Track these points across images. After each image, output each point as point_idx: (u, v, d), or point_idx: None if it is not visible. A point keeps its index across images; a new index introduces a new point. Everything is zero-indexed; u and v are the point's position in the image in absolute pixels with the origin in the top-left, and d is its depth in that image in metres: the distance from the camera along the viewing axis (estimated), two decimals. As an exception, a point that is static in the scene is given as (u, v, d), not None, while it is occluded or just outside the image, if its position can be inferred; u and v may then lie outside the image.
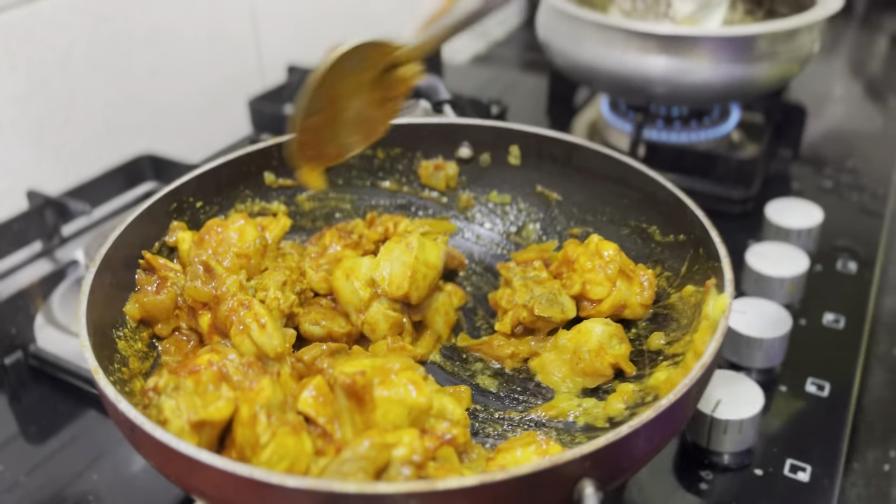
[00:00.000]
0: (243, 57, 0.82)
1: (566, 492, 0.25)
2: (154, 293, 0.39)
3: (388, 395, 0.32)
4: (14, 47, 0.60)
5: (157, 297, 0.39)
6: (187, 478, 0.27)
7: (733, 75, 0.64)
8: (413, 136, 0.48)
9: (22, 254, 0.60)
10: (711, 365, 0.30)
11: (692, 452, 0.45)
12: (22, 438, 0.48)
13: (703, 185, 0.67)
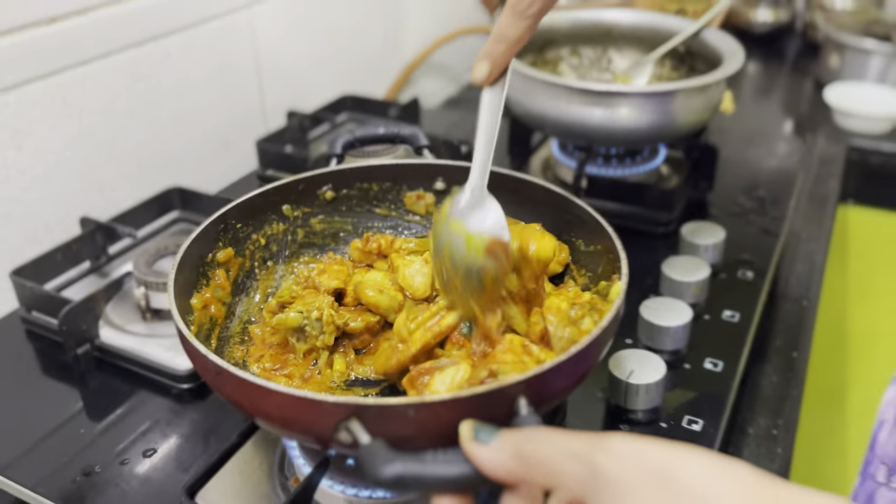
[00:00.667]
0: (249, 104, 0.96)
1: (509, 405, 0.39)
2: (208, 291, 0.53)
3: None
4: (69, 100, 0.74)
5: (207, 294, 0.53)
6: (257, 403, 0.40)
7: (656, 122, 0.79)
8: (399, 173, 0.62)
9: (77, 270, 0.73)
10: (608, 328, 0.44)
11: (614, 411, 0.59)
12: (85, 413, 0.61)
13: (634, 211, 0.82)
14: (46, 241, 0.74)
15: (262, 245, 0.59)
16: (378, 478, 0.34)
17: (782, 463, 0.64)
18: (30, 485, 0.53)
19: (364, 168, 0.62)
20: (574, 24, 0.98)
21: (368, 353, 0.55)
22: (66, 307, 0.61)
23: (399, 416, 0.37)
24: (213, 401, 0.61)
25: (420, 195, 0.62)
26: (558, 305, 0.49)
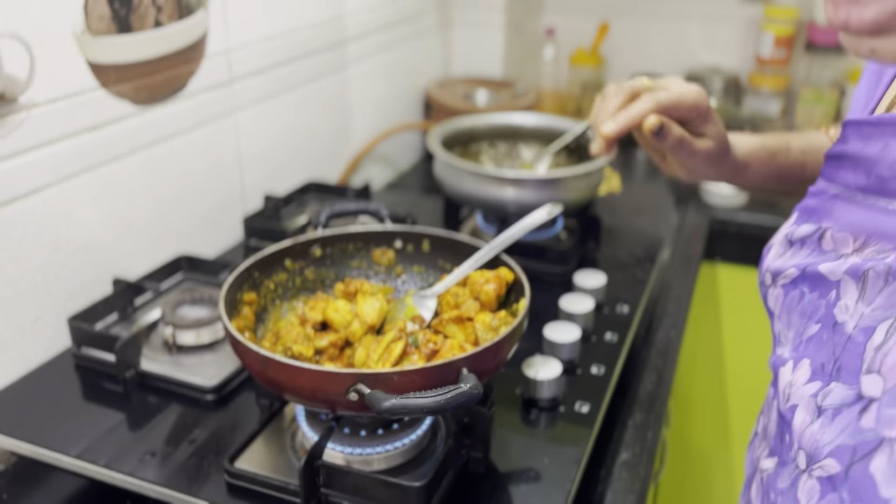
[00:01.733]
0: (233, 188, 1.19)
1: (456, 373, 0.62)
2: (240, 321, 0.75)
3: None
4: (104, 188, 0.95)
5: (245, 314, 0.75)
6: (293, 379, 0.62)
7: (555, 198, 1.06)
8: (369, 236, 0.86)
9: (111, 318, 0.93)
10: (515, 330, 0.68)
11: (528, 402, 0.82)
12: (123, 423, 0.80)
13: (540, 265, 1.07)
14: (82, 298, 0.94)
15: (272, 289, 0.81)
16: (379, 409, 0.57)
17: (650, 445, 0.89)
18: (103, 464, 0.73)
19: (343, 234, 0.85)
20: (491, 124, 1.26)
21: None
22: (119, 342, 0.82)
23: (388, 378, 0.60)
24: (230, 407, 0.82)
25: (384, 251, 0.86)
26: (484, 319, 0.73)
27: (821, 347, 0.54)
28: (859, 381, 0.49)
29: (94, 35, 0.90)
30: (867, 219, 0.53)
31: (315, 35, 1.31)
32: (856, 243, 0.54)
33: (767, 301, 0.64)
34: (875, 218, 0.53)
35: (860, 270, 0.51)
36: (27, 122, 0.83)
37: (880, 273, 0.49)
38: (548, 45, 1.97)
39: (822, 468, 0.50)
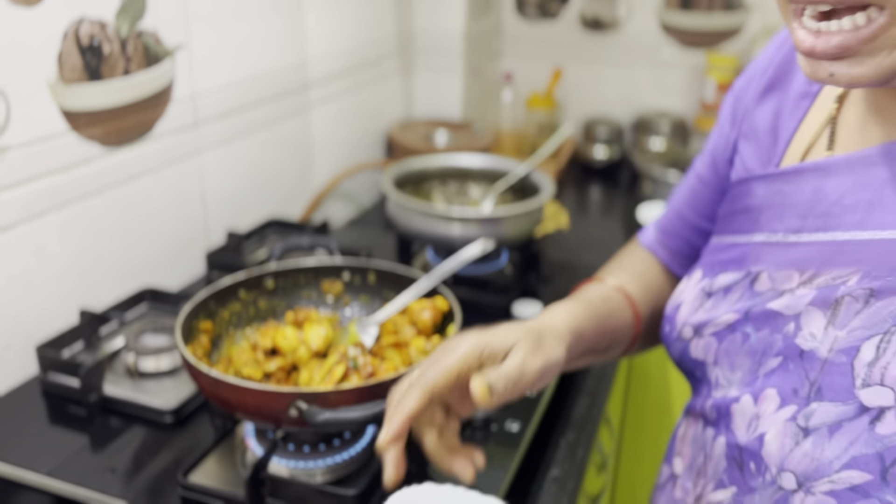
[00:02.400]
0: (196, 225, 1.26)
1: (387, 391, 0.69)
2: (196, 347, 0.81)
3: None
4: (73, 225, 1.02)
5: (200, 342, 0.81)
6: (241, 398, 0.69)
7: (497, 235, 1.14)
8: (318, 270, 0.93)
9: (77, 346, 0.99)
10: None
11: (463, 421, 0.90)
12: (87, 444, 0.86)
13: (484, 296, 1.15)
14: (50, 327, 1.00)
15: (227, 318, 0.88)
16: (315, 422, 0.64)
17: (580, 462, 0.96)
18: (69, 480, 0.78)
19: (294, 268, 0.93)
20: (442, 165, 1.35)
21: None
22: (83, 368, 0.88)
23: (324, 396, 0.67)
24: (187, 428, 0.88)
25: (332, 283, 0.94)
26: (418, 344, 0.81)
27: (787, 376, 0.57)
28: (855, 395, 0.52)
29: (67, 83, 0.97)
30: (811, 254, 0.58)
31: (278, 80, 1.39)
32: (802, 277, 0.58)
33: (689, 353, 0.70)
34: (821, 252, 0.58)
35: (829, 298, 0.55)
36: (2, 165, 0.90)
37: (858, 297, 0.53)
38: (506, 89, 2.07)
39: (836, 482, 0.52)
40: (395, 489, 0.57)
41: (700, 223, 0.79)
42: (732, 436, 0.62)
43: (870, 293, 0.53)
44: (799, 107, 0.66)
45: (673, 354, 0.73)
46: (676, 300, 0.73)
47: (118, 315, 1.02)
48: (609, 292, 0.79)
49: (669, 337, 0.73)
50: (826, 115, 0.63)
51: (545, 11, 2.13)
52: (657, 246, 0.86)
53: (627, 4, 2.05)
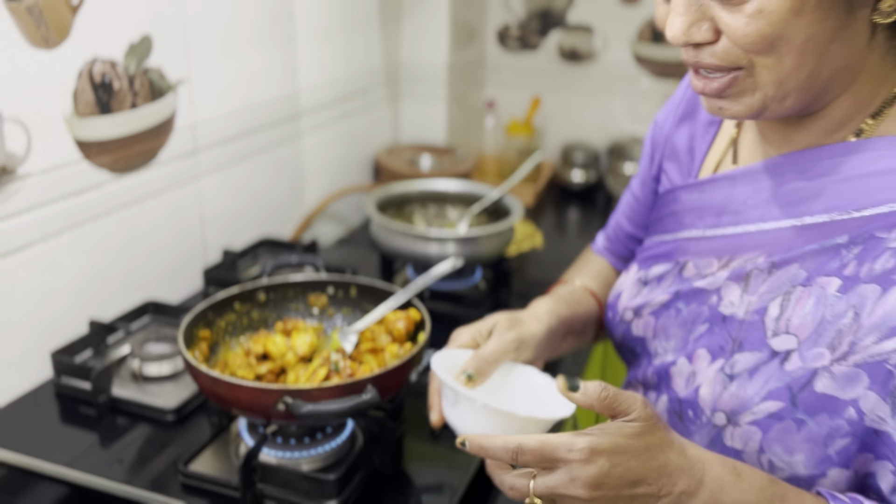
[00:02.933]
0: (195, 243, 1.37)
1: (362, 390, 0.80)
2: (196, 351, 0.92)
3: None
4: (84, 243, 1.13)
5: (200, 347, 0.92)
6: (234, 394, 0.79)
7: (471, 254, 1.25)
8: (305, 284, 1.04)
9: (87, 353, 1.09)
10: (413, 357, 0.86)
11: (434, 420, 1.00)
12: (97, 440, 0.96)
13: (459, 309, 1.26)
14: (62, 336, 1.11)
15: (223, 327, 0.99)
16: (299, 413, 0.75)
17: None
18: (91, 469, 0.88)
19: (284, 282, 1.04)
20: (422, 190, 1.46)
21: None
22: (94, 371, 0.98)
23: (308, 392, 0.78)
24: (186, 426, 0.98)
25: (318, 296, 1.04)
26: (392, 349, 0.91)
27: (714, 338, 0.72)
28: (767, 344, 0.67)
29: (81, 117, 1.09)
30: (725, 244, 0.74)
31: (272, 110, 1.51)
32: (721, 262, 0.74)
33: (631, 332, 0.85)
34: (732, 241, 0.73)
35: (741, 273, 0.71)
36: (23, 190, 1.01)
37: (762, 269, 0.69)
38: (488, 116, 2.19)
39: (756, 413, 0.66)
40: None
41: (636, 232, 0.97)
42: (673, 392, 0.77)
43: (772, 265, 0.69)
44: (708, 132, 0.83)
45: (616, 337, 0.88)
46: (616, 291, 0.89)
47: (124, 325, 1.13)
48: (575, 289, 0.98)
49: (613, 321, 0.88)
50: (729, 138, 0.80)
51: (525, 43, 2.26)
52: (605, 252, 1.05)
53: (603, 37, 2.18)
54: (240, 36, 1.39)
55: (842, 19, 0.60)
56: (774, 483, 0.64)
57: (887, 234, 0.62)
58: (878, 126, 0.66)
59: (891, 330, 0.60)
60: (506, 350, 0.80)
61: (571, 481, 0.59)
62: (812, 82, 0.63)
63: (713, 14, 0.61)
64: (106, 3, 1.09)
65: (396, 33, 2.03)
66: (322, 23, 1.65)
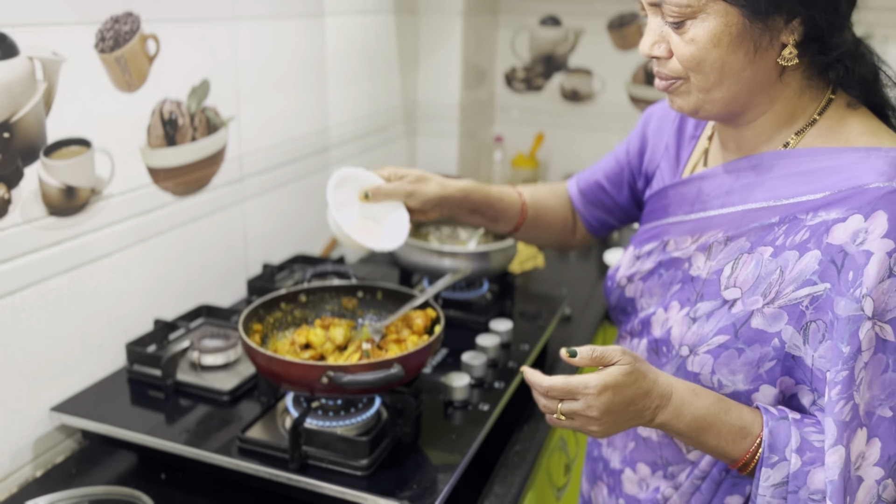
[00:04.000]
0: (238, 258, 1.57)
1: (390, 366, 0.98)
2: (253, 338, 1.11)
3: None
4: (148, 255, 1.33)
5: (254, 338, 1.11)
6: (286, 371, 0.98)
7: (478, 267, 1.45)
8: (339, 289, 1.24)
9: (152, 347, 1.29)
10: (431, 343, 1.05)
11: (447, 404, 1.18)
12: (164, 416, 1.15)
13: (468, 315, 1.45)
14: (131, 332, 1.30)
15: (271, 322, 1.18)
16: (340, 382, 0.94)
17: (538, 441, 1.24)
18: (163, 437, 1.07)
19: (321, 286, 1.23)
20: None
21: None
22: (163, 359, 1.18)
23: (347, 368, 0.97)
24: (239, 406, 1.17)
25: (349, 299, 1.24)
26: (413, 339, 1.11)
27: (683, 292, 0.95)
28: (721, 295, 0.90)
29: (153, 148, 1.30)
30: (696, 225, 0.98)
31: (305, 143, 1.72)
32: (693, 238, 0.98)
33: (624, 294, 1.09)
34: (701, 223, 0.97)
35: (706, 245, 0.94)
36: (106, 208, 1.22)
37: (720, 242, 0.92)
38: (496, 150, 2.40)
39: (711, 344, 0.89)
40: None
41: (607, 187, 1.26)
42: (650, 335, 1.01)
43: (727, 239, 0.92)
44: (690, 144, 1.09)
45: (612, 300, 1.13)
46: (616, 265, 1.14)
47: (183, 324, 1.32)
48: (509, 189, 1.27)
49: (611, 288, 1.13)
50: (702, 149, 1.05)
51: (531, 85, 2.48)
52: (574, 189, 1.32)
53: (601, 80, 2.39)
54: (280, 80, 1.61)
55: (750, 55, 0.84)
56: (722, 400, 0.88)
57: (804, 216, 0.85)
58: (799, 140, 0.90)
59: (804, 282, 0.83)
60: (399, 194, 1.13)
61: (588, 407, 0.84)
62: (733, 96, 0.87)
63: (668, 38, 0.86)
64: (174, 53, 1.31)
65: (414, 76, 2.25)
66: (349, 68, 1.87)
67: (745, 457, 0.85)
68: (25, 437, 1.12)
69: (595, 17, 2.35)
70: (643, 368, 0.86)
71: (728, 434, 0.86)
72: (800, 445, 0.82)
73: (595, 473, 1.20)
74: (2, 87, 1.00)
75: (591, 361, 0.86)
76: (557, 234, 1.31)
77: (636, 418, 0.86)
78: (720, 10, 0.82)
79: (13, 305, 1.07)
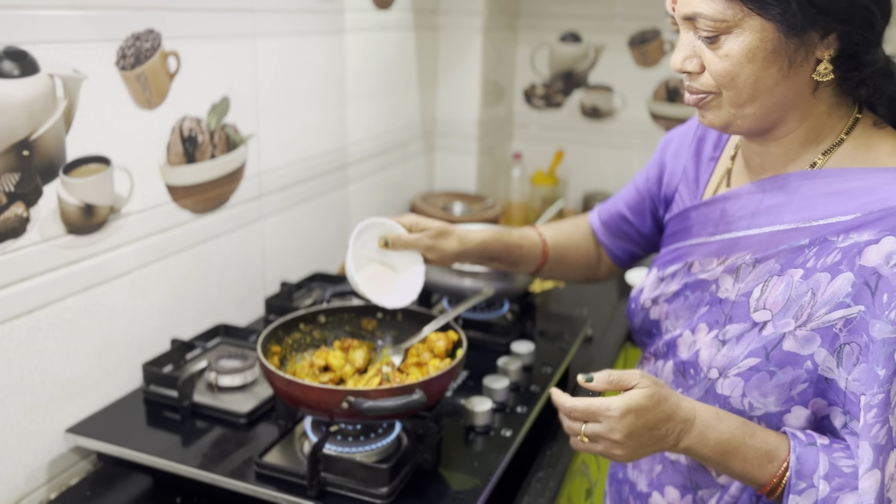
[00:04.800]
0: (257, 276, 1.55)
1: (412, 392, 0.96)
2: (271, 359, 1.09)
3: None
4: (166, 276, 1.31)
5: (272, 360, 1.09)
6: (305, 395, 0.96)
7: (502, 288, 1.42)
8: (359, 310, 1.22)
9: (168, 367, 1.27)
10: (453, 368, 1.02)
11: (468, 429, 1.16)
12: (180, 438, 1.13)
13: (488, 336, 1.42)
14: (148, 352, 1.29)
15: (290, 344, 1.16)
16: (361, 408, 0.91)
17: (561, 468, 1.21)
18: (179, 461, 1.05)
19: (341, 307, 1.21)
20: (457, 231, 1.63)
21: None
22: (180, 380, 1.16)
23: (367, 393, 0.95)
24: (256, 428, 1.15)
25: (369, 320, 1.22)
26: (434, 363, 1.08)
27: (711, 314, 0.93)
28: (750, 317, 0.88)
29: (172, 166, 1.29)
30: (722, 247, 0.96)
31: (324, 161, 1.71)
32: (719, 260, 0.96)
33: (649, 317, 1.07)
34: (727, 244, 0.95)
35: (734, 267, 0.92)
36: (125, 226, 1.20)
37: (748, 264, 0.90)
38: (515, 167, 2.38)
39: (742, 367, 0.87)
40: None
41: (629, 216, 1.22)
42: (677, 357, 0.99)
43: (755, 261, 0.90)
44: (709, 165, 1.06)
45: (635, 322, 1.11)
46: (639, 287, 1.12)
47: (201, 344, 1.31)
48: (530, 233, 1.25)
49: (634, 310, 1.11)
50: (724, 169, 1.03)
51: (550, 102, 2.46)
52: (597, 220, 1.29)
53: (622, 96, 2.37)
54: (299, 97, 1.60)
55: (784, 71, 0.82)
56: (746, 424, 0.86)
57: (835, 238, 0.84)
58: (826, 160, 0.88)
59: (837, 304, 0.82)
60: (418, 246, 1.13)
61: (611, 430, 0.83)
62: (766, 112, 0.85)
63: (701, 53, 0.85)
64: (194, 70, 1.30)
65: (433, 93, 2.24)
66: (368, 85, 1.86)
67: (772, 481, 0.84)
68: (40, 458, 1.10)
69: (616, 33, 2.33)
70: (664, 392, 0.86)
71: (754, 458, 0.84)
72: (828, 472, 0.81)
73: (621, 496, 1.16)
74: (22, 105, 0.99)
75: (609, 385, 0.86)
76: (581, 269, 1.29)
77: (660, 442, 0.85)
78: (756, 25, 0.81)
79: (30, 325, 1.06)
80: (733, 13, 0.80)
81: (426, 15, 2.12)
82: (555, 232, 1.27)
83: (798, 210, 0.88)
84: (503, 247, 1.19)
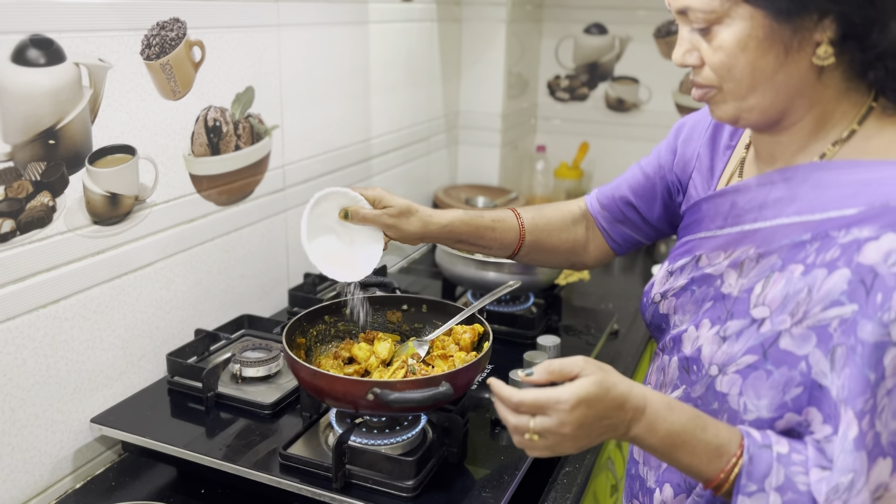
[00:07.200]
0: (280, 268, 1.55)
1: (439, 383, 0.95)
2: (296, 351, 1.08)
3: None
4: (191, 265, 1.31)
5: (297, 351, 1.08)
6: (331, 385, 0.95)
7: (528, 280, 1.41)
8: (385, 301, 1.20)
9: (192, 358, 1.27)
10: (479, 360, 1.01)
11: (494, 421, 1.14)
12: (204, 429, 1.13)
13: (514, 329, 1.41)
14: (172, 343, 1.28)
15: (315, 335, 1.15)
16: (387, 400, 0.90)
17: (589, 463, 1.19)
18: (203, 452, 1.05)
19: (366, 298, 1.20)
20: (481, 224, 1.62)
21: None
22: (205, 371, 1.15)
23: (393, 384, 0.93)
24: (280, 420, 1.14)
25: (394, 312, 1.20)
26: (460, 356, 1.07)
27: (714, 310, 0.90)
28: (749, 314, 0.84)
29: (196, 156, 1.28)
30: (729, 240, 0.92)
31: (348, 152, 1.70)
32: (726, 254, 0.92)
33: (658, 311, 1.04)
34: (734, 238, 0.91)
35: (738, 262, 0.89)
36: (150, 217, 1.20)
37: (752, 258, 0.87)
38: (539, 160, 2.36)
39: (740, 364, 0.84)
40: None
41: (634, 201, 1.17)
42: (682, 353, 0.95)
43: (759, 255, 0.86)
44: (725, 154, 1.03)
45: (647, 316, 1.07)
46: (651, 281, 1.08)
47: (224, 335, 1.30)
48: (506, 215, 1.19)
49: (646, 304, 1.07)
50: (739, 159, 0.99)
51: (574, 94, 2.43)
52: (595, 203, 1.22)
53: (647, 88, 2.34)
54: (323, 88, 1.59)
55: (781, 57, 0.79)
56: (699, 416, 0.82)
57: (837, 233, 0.80)
58: (836, 151, 0.85)
59: (832, 302, 0.78)
60: (378, 223, 1.10)
61: (561, 424, 0.77)
62: (770, 102, 0.83)
63: (699, 46, 0.83)
64: (219, 59, 1.29)
65: (456, 86, 2.22)
66: (392, 78, 1.85)
67: (718, 476, 0.80)
68: (66, 448, 1.10)
69: (641, 24, 2.30)
70: (612, 378, 0.80)
71: (703, 452, 0.80)
72: (782, 484, 0.77)
73: (632, 492, 1.14)
74: (48, 94, 0.99)
75: (551, 377, 0.80)
76: (564, 255, 1.23)
77: (609, 432, 0.81)
78: (745, 13, 0.78)
79: (56, 315, 1.06)
80: (721, 3, 0.79)
81: (450, 6, 2.10)
82: (535, 215, 1.21)
83: (802, 203, 0.85)
84: (472, 229, 1.15)
